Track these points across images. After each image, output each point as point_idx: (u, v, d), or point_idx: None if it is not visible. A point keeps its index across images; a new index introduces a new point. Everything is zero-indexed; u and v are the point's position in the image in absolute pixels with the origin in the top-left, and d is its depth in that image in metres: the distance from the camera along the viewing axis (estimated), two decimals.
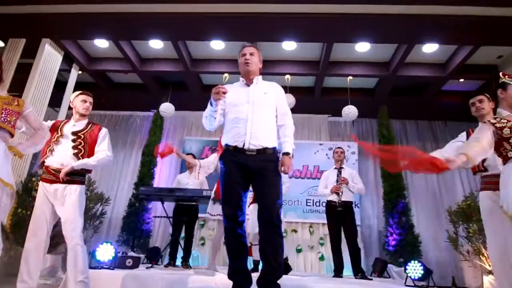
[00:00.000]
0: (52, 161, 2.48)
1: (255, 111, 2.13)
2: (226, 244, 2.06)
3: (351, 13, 4.37)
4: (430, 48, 5.17)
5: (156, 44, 5.52)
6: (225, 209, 2.05)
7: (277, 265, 1.95)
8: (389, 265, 5.04)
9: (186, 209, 4.65)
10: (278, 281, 1.97)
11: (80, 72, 5.93)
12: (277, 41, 5.20)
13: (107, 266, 3.66)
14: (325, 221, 6.20)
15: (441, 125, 7.06)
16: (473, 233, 4.28)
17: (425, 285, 3.54)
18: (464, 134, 2.62)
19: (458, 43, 5.01)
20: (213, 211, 3.82)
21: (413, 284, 3.58)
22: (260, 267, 3.21)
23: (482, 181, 2.41)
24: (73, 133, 2.55)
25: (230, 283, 2.01)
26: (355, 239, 4.20)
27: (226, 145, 2.15)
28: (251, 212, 4.00)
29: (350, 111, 5.62)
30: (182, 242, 4.74)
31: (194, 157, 4.81)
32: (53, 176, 2.44)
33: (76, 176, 2.50)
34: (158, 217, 4.91)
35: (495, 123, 1.96)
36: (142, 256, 5.06)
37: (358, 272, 4.07)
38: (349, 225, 4.24)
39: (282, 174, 2.06)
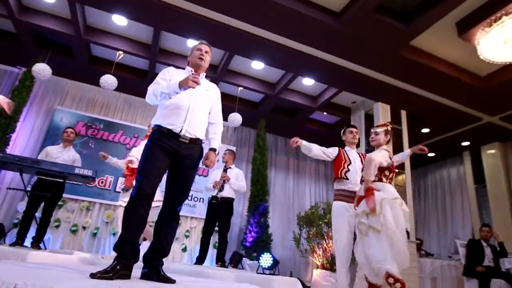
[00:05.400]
0: None
1: (196, 101, 2.23)
2: (128, 216, 1.99)
3: (255, 34, 4.90)
4: (308, 81, 6.22)
5: None
6: (143, 184, 2.02)
7: (167, 245, 2.10)
8: (243, 258, 5.73)
9: (50, 185, 4.24)
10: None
11: None
12: (181, 36, 5.29)
13: None
14: (194, 215, 6.59)
15: None
16: (312, 236, 5.34)
17: (272, 273, 4.27)
18: (336, 149, 3.41)
19: (328, 84, 6.20)
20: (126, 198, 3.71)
21: (263, 272, 4.27)
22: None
23: (337, 193, 3.24)
24: None
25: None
26: (225, 233, 4.63)
27: (159, 125, 2.16)
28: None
29: (235, 118, 6.15)
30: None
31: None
32: None
33: None
34: (13, 189, 4.26)
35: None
36: None
37: (219, 261, 4.53)
38: (224, 220, 4.64)
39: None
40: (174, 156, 2.14)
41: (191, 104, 2.21)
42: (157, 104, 2.28)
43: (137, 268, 2.21)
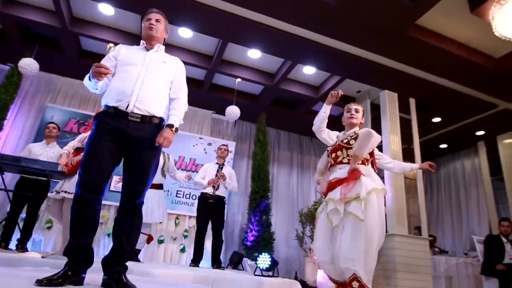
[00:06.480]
0: None
1: (147, 74, 1.93)
2: (75, 217, 1.71)
3: (250, 18, 4.58)
4: (309, 70, 5.86)
5: None
6: (85, 177, 1.72)
7: (128, 246, 1.80)
8: (244, 258, 5.41)
9: (33, 184, 3.99)
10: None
11: None
12: (174, 24, 5.01)
13: None
14: (192, 214, 6.29)
15: (307, 140, 8.05)
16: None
17: (271, 275, 3.94)
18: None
19: (329, 71, 5.83)
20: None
21: (261, 274, 3.94)
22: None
23: None
24: None
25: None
26: (220, 232, 4.37)
27: (106, 105, 1.86)
28: None
29: (233, 111, 5.82)
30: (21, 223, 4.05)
31: None
32: None
33: None
34: None
35: None
36: None
37: (215, 263, 4.23)
38: (217, 218, 4.42)
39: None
40: (123, 138, 1.82)
41: (140, 76, 1.90)
42: (95, 92, 2.00)
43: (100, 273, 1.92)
